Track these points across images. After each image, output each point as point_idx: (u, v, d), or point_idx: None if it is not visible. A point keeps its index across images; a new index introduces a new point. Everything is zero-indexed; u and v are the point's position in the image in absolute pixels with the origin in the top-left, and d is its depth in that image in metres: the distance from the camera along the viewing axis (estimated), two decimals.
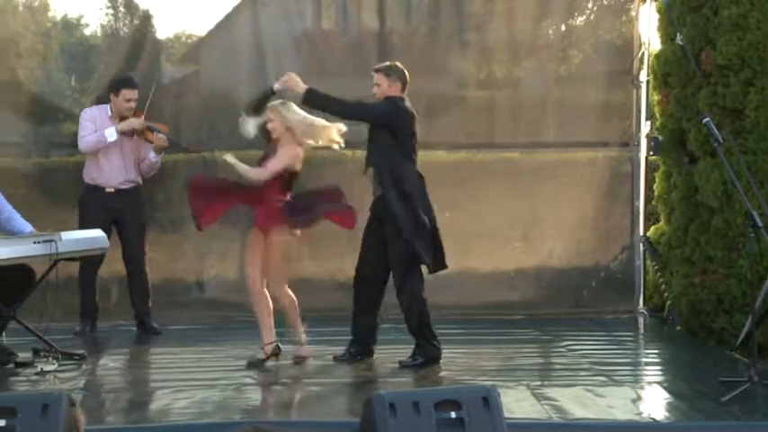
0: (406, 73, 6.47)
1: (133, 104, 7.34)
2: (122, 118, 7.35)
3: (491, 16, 8.33)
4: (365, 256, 6.50)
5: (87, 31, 8.58)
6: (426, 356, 6.39)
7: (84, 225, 7.06)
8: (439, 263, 6.45)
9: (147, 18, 8.23)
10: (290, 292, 6.39)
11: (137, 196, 7.47)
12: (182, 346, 7.02)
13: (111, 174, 7.35)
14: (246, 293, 6.49)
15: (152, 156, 7.43)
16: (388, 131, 6.32)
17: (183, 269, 8.15)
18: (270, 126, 6.34)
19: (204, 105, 8.33)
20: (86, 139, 7.32)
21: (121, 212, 7.21)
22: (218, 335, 7.30)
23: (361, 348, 6.55)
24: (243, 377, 6.06)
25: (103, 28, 8.38)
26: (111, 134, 7.29)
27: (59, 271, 6.47)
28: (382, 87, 6.41)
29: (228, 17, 8.43)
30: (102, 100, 7.59)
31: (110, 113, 7.40)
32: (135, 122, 7.32)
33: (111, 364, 6.53)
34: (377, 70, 6.46)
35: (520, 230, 8.38)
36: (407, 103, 6.45)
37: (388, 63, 6.55)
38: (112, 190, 7.35)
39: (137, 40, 8.23)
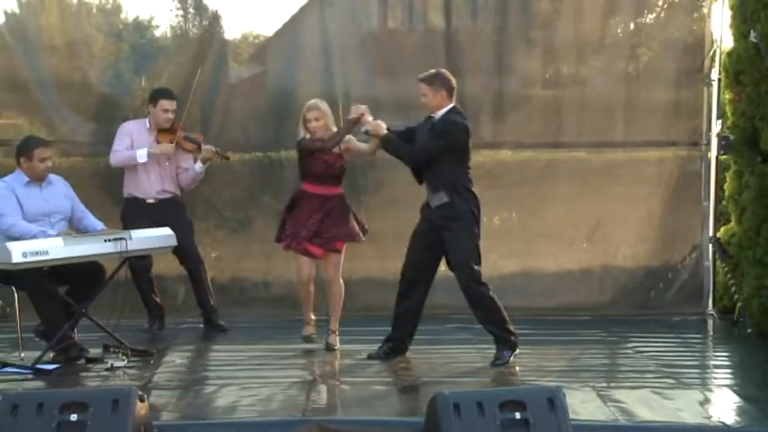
0: (452, 79, 6.44)
1: (171, 115, 7.36)
2: (159, 130, 7.39)
3: (558, 14, 8.24)
4: (414, 260, 6.52)
5: (158, 33, 8.66)
6: (512, 349, 6.41)
7: None
8: None
9: (215, 19, 8.28)
10: None
11: (176, 203, 7.47)
12: (248, 344, 7.05)
13: (150, 185, 7.38)
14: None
15: (198, 166, 7.44)
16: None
17: (251, 268, 8.20)
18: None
19: (271, 105, 8.37)
20: (118, 154, 7.39)
21: (162, 220, 7.07)
22: (284, 332, 7.30)
23: (397, 347, 6.58)
24: (308, 375, 6.09)
25: (173, 29, 8.46)
26: (141, 156, 7.33)
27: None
28: (428, 97, 6.44)
29: (295, 17, 8.44)
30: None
31: (148, 126, 7.45)
32: (167, 148, 7.33)
33: (179, 361, 6.59)
34: (421, 80, 6.46)
35: (586, 230, 8.29)
36: (459, 116, 6.42)
37: (432, 72, 6.49)
38: (153, 201, 7.38)
39: (205, 40, 8.29)
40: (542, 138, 8.30)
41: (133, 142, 7.42)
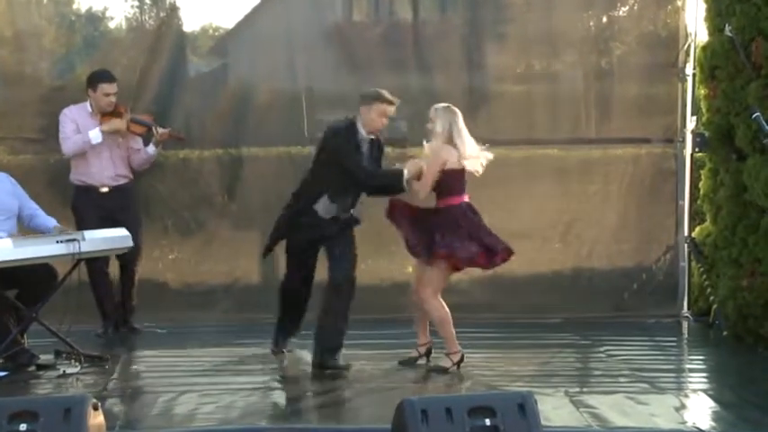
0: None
1: (113, 99, 7.17)
2: (103, 114, 7.18)
3: (529, 7, 8.19)
4: None
5: (112, 24, 8.54)
6: None
7: (78, 228, 6.80)
8: None
9: (172, 10, 8.14)
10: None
11: (130, 193, 7.29)
12: (208, 349, 6.93)
13: (101, 171, 7.16)
14: (271, 295, 6.51)
15: (151, 149, 7.27)
16: None
17: (210, 270, 8.08)
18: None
19: (231, 100, 8.24)
20: (70, 141, 7.15)
21: (114, 212, 6.97)
22: (245, 337, 7.20)
23: None
24: (270, 381, 5.98)
25: (128, 20, 8.32)
26: (95, 136, 7.10)
27: (82, 271, 6.41)
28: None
29: (257, 9, 8.35)
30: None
31: (90, 110, 7.23)
32: (117, 123, 7.12)
33: (135, 367, 6.48)
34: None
35: (559, 230, 8.21)
36: None
37: None
38: (106, 189, 7.17)
39: (162, 32, 8.13)
40: (514, 134, 8.22)
41: (79, 128, 7.18)
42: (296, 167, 7.98)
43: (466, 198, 6.24)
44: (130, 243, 6.53)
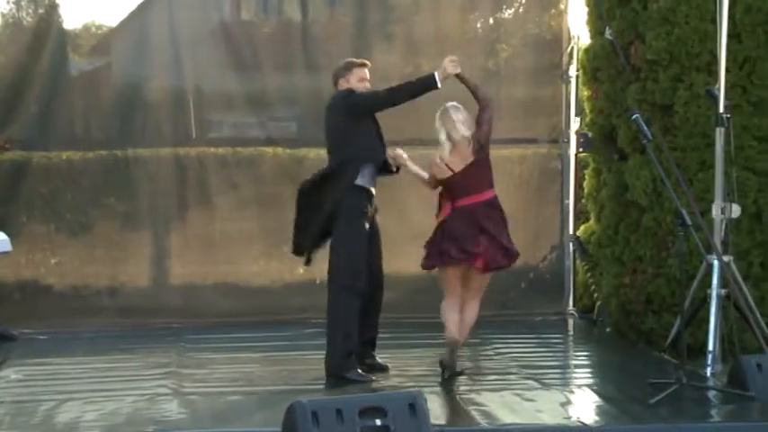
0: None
1: None
2: None
3: (417, 8, 8.21)
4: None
5: None
6: None
7: None
8: None
9: (52, 7, 7.89)
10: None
11: None
12: (91, 355, 6.76)
13: None
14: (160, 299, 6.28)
15: None
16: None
17: (94, 274, 7.87)
18: None
19: (116, 100, 8.06)
20: None
21: None
22: (130, 342, 7.06)
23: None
24: (157, 387, 5.85)
25: (4, 17, 7.98)
26: None
27: None
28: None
29: (141, 6, 8.17)
30: None
31: None
32: None
33: (14, 376, 6.25)
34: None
35: None
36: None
37: None
38: None
39: (41, 30, 7.86)
40: (402, 135, 8.12)
41: None
42: (183, 168, 7.87)
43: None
44: (9, 248, 6.38)
